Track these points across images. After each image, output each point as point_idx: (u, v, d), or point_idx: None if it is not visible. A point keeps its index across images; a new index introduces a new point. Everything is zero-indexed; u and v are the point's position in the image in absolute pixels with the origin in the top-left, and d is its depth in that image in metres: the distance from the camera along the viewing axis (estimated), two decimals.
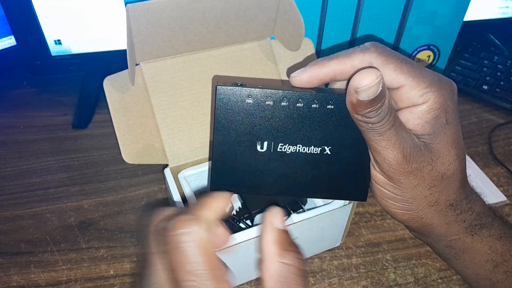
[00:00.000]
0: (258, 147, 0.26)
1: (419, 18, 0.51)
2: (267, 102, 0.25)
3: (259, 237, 0.24)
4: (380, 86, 0.22)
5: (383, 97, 0.23)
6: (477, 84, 0.68)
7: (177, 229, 0.21)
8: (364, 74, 0.22)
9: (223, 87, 0.24)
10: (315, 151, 0.26)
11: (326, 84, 0.28)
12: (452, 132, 0.25)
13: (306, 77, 0.25)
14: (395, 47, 0.53)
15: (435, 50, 0.55)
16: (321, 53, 0.53)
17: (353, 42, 0.52)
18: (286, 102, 0.25)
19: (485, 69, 0.70)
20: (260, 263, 0.23)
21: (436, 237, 0.29)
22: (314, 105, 0.25)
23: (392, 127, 0.24)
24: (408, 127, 0.25)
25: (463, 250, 0.29)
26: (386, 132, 0.24)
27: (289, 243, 0.24)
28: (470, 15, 0.70)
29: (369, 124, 0.24)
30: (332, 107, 0.25)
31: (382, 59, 0.24)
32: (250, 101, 0.24)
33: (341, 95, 0.25)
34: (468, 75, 0.70)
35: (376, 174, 0.27)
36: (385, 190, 0.27)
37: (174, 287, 0.21)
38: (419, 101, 0.24)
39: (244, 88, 0.24)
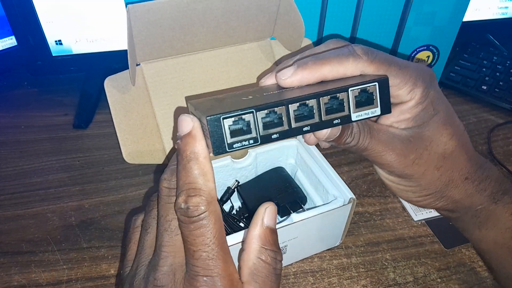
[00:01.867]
0: (244, 98, 0.25)
1: (419, 18, 0.51)
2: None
3: (249, 227, 0.25)
4: (339, 129, 0.25)
5: (345, 130, 0.25)
6: (476, 84, 0.69)
7: (198, 211, 0.22)
8: (324, 132, 0.25)
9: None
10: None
11: None
12: (440, 117, 0.27)
13: (297, 81, 0.25)
14: (394, 47, 0.53)
15: (435, 50, 0.55)
16: None
17: (353, 42, 0.52)
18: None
19: (484, 69, 0.70)
20: (240, 252, 0.25)
21: (462, 210, 0.30)
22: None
23: (371, 139, 0.26)
24: (399, 123, 0.27)
25: (487, 217, 0.30)
26: (368, 146, 0.27)
27: (271, 243, 0.25)
28: (469, 16, 0.70)
29: (353, 147, 0.27)
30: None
31: (373, 67, 0.25)
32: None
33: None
34: (467, 75, 0.70)
35: (387, 177, 0.29)
36: (401, 186, 0.29)
37: (188, 254, 0.23)
38: (407, 98, 0.26)
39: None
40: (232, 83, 0.44)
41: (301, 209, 0.41)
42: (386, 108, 0.24)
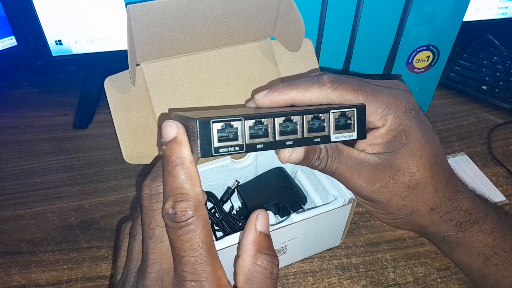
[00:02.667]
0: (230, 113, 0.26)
1: (419, 18, 0.51)
2: None
3: (242, 235, 0.25)
4: (303, 154, 0.26)
5: (312, 153, 0.27)
6: (476, 85, 0.69)
7: (185, 216, 0.22)
8: (287, 150, 0.26)
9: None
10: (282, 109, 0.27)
11: None
12: (410, 147, 0.27)
13: (268, 102, 0.28)
14: (394, 47, 0.53)
15: (435, 50, 0.55)
16: (321, 53, 0.53)
17: (353, 42, 0.52)
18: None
19: (484, 69, 0.70)
20: (236, 259, 0.25)
21: (430, 234, 0.31)
22: None
23: (339, 164, 0.27)
24: (371, 147, 0.28)
25: (456, 244, 0.31)
26: (336, 170, 0.28)
27: (266, 247, 0.25)
28: (470, 16, 0.70)
29: (321, 170, 0.28)
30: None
31: (337, 93, 0.26)
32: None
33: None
34: (467, 75, 0.70)
35: (359, 198, 0.30)
36: (371, 208, 0.30)
37: (176, 259, 0.23)
38: (378, 124, 0.27)
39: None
40: (232, 83, 0.44)
41: (301, 209, 0.41)
42: (362, 133, 0.26)
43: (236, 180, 0.45)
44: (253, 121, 0.23)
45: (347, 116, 0.25)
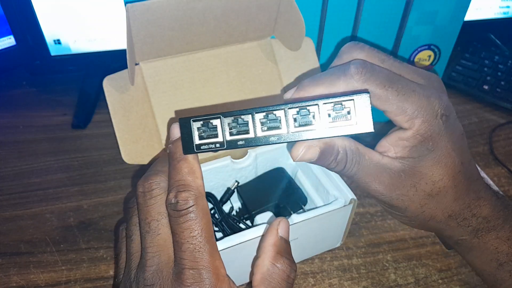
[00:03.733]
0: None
1: (420, 18, 0.51)
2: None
3: (262, 238, 0.26)
4: (317, 153, 0.24)
5: (329, 155, 0.25)
6: (477, 84, 0.68)
7: (187, 204, 0.24)
8: (301, 147, 0.24)
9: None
10: None
11: None
12: (436, 155, 0.25)
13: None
14: (395, 46, 0.53)
15: (436, 50, 0.55)
16: (322, 52, 0.53)
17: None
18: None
19: (485, 69, 0.70)
20: (255, 259, 0.26)
21: (444, 237, 0.30)
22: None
23: (359, 169, 0.25)
24: (395, 149, 0.26)
25: (470, 248, 0.30)
26: (355, 175, 0.26)
27: (286, 251, 0.26)
28: (471, 15, 0.70)
29: (339, 173, 0.26)
30: None
31: (365, 87, 0.24)
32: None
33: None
34: (468, 75, 0.70)
35: (375, 198, 0.29)
36: (389, 209, 0.29)
37: (176, 247, 0.24)
38: (405, 126, 0.25)
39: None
40: (232, 83, 0.44)
41: (301, 210, 0.41)
42: (367, 125, 0.22)
43: (236, 181, 0.44)
44: (232, 118, 0.23)
45: (344, 107, 0.22)
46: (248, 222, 0.42)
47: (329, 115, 0.23)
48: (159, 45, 0.40)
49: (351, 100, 0.22)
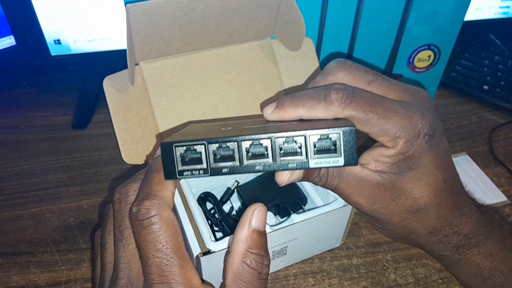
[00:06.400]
0: (223, 129, 0.26)
1: (420, 18, 0.51)
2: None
3: (235, 229, 0.25)
4: (302, 175, 0.25)
5: (312, 172, 0.26)
6: (477, 84, 0.68)
7: (148, 213, 0.23)
8: (286, 172, 0.25)
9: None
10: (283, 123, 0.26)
11: None
12: (417, 173, 0.25)
13: (276, 118, 0.26)
14: (395, 46, 0.53)
15: (436, 50, 0.55)
16: (322, 53, 0.53)
17: (353, 41, 0.52)
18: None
19: (485, 69, 0.70)
20: (226, 255, 0.24)
21: (426, 251, 0.31)
22: None
23: (340, 182, 0.26)
24: (376, 163, 0.26)
25: (452, 263, 0.30)
26: (336, 188, 0.27)
27: (258, 246, 0.24)
28: (471, 15, 0.70)
29: (322, 186, 0.27)
30: None
31: (346, 113, 0.24)
32: None
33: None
34: (468, 75, 0.70)
35: (361, 212, 0.29)
36: (372, 222, 0.29)
37: (143, 262, 0.23)
38: (388, 144, 0.25)
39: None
40: (231, 82, 0.44)
41: (301, 210, 0.41)
42: (351, 159, 0.22)
43: (236, 181, 0.44)
44: (217, 145, 0.22)
45: (330, 139, 0.22)
46: None
47: (315, 146, 0.22)
48: (159, 45, 0.40)
49: (337, 133, 0.22)
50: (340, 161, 0.22)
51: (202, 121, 0.43)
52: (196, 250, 0.34)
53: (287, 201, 0.41)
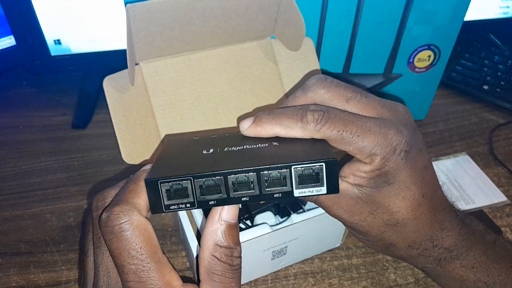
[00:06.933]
0: (204, 151, 0.26)
1: (420, 18, 0.51)
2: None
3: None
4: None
5: None
6: (477, 84, 0.68)
7: (118, 220, 0.22)
8: None
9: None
10: (263, 145, 0.26)
11: None
12: (395, 187, 0.26)
13: (252, 134, 0.27)
14: (395, 46, 0.53)
15: (436, 50, 0.55)
16: (322, 53, 0.53)
17: (353, 42, 0.52)
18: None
19: (485, 69, 0.70)
20: (199, 251, 0.25)
21: (409, 263, 0.31)
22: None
23: (319, 196, 0.26)
24: (354, 177, 0.27)
25: (436, 275, 0.30)
26: (317, 200, 0.28)
27: (227, 239, 0.24)
28: (471, 15, 0.70)
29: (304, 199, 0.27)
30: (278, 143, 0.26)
31: (321, 134, 0.25)
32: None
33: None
34: (468, 75, 0.70)
35: (343, 224, 0.29)
36: (354, 233, 0.30)
37: (119, 270, 0.23)
38: (365, 161, 0.26)
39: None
40: (231, 82, 0.44)
41: (301, 210, 0.41)
42: (334, 188, 0.23)
43: None
44: (203, 180, 0.22)
45: (313, 170, 0.23)
46: (248, 222, 0.42)
47: (299, 177, 0.23)
48: (159, 45, 0.40)
49: (320, 165, 0.23)
50: (323, 189, 0.24)
51: (177, 134, 0.42)
52: (196, 250, 0.34)
53: (287, 201, 0.41)
